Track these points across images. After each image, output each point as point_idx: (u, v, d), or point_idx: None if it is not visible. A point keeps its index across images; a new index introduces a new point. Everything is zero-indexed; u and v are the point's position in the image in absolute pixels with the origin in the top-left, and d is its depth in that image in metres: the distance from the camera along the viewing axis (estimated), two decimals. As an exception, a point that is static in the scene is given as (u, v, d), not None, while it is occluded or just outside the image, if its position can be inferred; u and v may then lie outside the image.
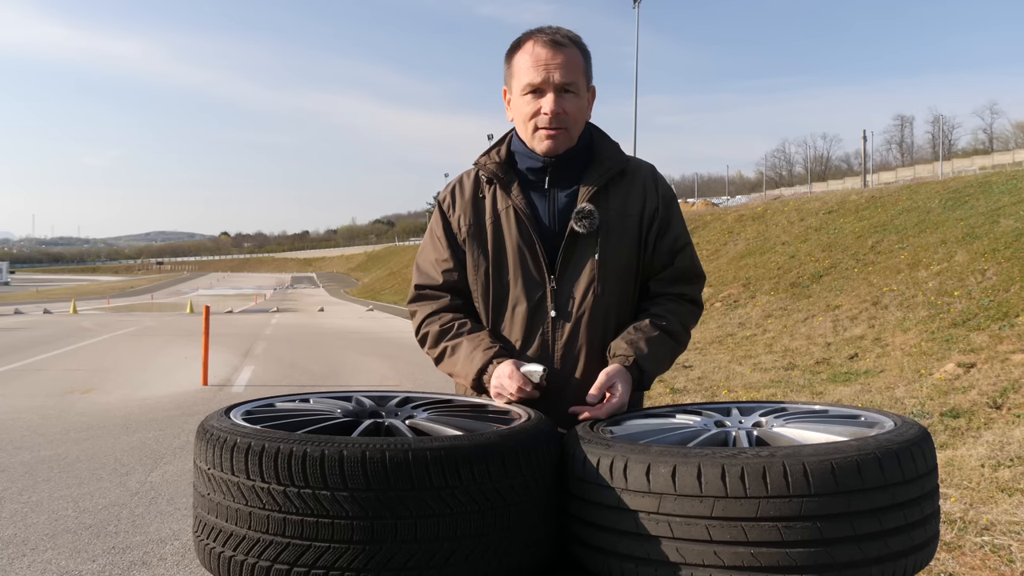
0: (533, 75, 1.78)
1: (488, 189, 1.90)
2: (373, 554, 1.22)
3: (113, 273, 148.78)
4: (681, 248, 1.92)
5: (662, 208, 1.90)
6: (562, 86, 1.78)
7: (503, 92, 1.92)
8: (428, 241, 1.98)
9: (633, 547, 1.28)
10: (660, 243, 1.89)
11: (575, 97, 1.80)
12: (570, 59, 1.79)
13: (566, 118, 1.79)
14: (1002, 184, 16.29)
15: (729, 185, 68.20)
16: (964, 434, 5.88)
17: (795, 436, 1.45)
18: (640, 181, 1.90)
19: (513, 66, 1.84)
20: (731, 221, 23.83)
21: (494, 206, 1.87)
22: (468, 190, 1.92)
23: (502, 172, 1.87)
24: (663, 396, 8.51)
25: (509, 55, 1.86)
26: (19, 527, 4.40)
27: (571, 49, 1.80)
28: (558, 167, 1.85)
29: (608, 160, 1.88)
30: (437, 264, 1.93)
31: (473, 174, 1.94)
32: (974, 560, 3.59)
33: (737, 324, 13.71)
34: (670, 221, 1.91)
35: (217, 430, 1.34)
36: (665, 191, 1.93)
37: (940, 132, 51.62)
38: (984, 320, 9.13)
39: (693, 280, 1.94)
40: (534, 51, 1.79)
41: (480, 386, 1.79)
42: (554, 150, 1.83)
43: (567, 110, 1.79)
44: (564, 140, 1.82)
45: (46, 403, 8.58)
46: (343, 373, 11.65)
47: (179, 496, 5.02)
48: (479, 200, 1.90)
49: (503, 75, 1.90)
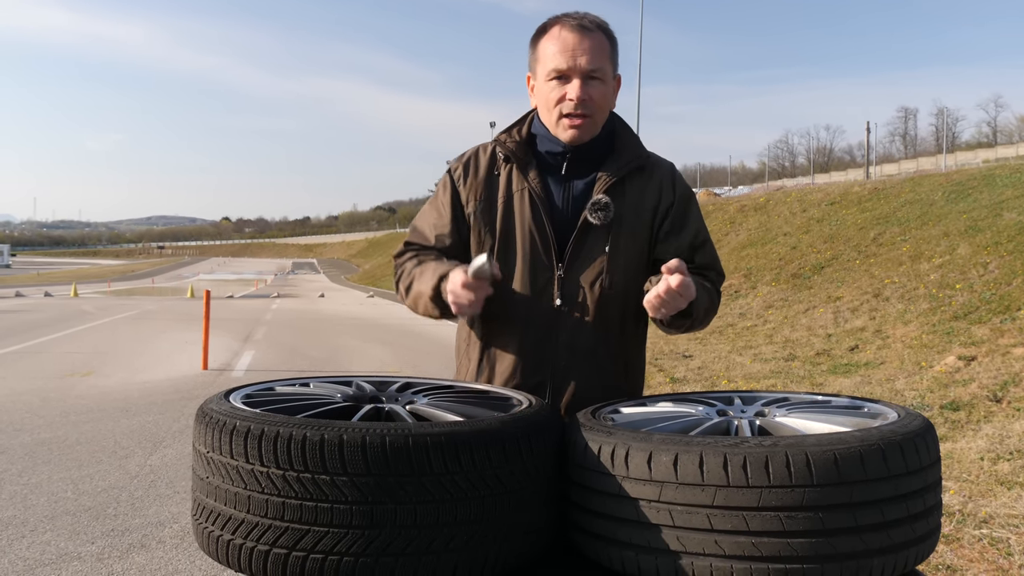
0: (559, 60, 1.74)
1: (504, 167, 1.86)
2: (372, 539, 1.21)
3: (114, 257, 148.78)
4: (701, 244, 1.88)
5: (677, 204, 1.86)
6: (588, 72, 1.74)
7: (527, 78, 1.88)
8: (430, 206, 1.94)
9: (634, 535, 1.28)
10: (678, 239, 1.85)
11: (601, 84, 1.77)
12: (597, 45, 1.75)
13: (592, 105, 1.76)
14: (1005, 177, 16.23)
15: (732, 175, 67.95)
16: (964, 427, 5.89)
17: (798, 426, 1.44)
18: (658, 178, 1.87)
19: (538, 51, 1.80)
20: (733, 211, 23.78)
21: (508, 185, 1.84)
22: (483, 165, 1.88)
23: (521, 152, 1.84)
24: (663, 385, 8.52)
25: (534, 40, 1.82)
26: (18, 508, 4.41)
27: (598, 35, 1.76)
28: (578, 155, 1.82)
29: (629, 153, 1.84)
30: (434, 228, 1.90)
31: (490, 149, 1.90)
32: (972, 553, 3.60)
33: (738, 314, 13.71)
34: (687, 218, 1.87)
35: (217, 413, 1.33)
36: (683, 189, 1.89)
37: (944, 124, 51.47)
38: (985, 313, 9.12)
39: (715, 274, 1.90)
40: (561, 36, 1.75)
41: (440, 301, 1.74)
42: (578, 139, 1.79)
43: (593, 97, 1.75)
44: (589, 128, 1.79)
45: (46, 386, 8.59)
46: (343, 359, 11.66)
47: (178, 479, 5.03)
48: (493, 176, 1.86)
49: (527, 60, 1.87)
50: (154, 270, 73.07)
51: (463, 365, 1.95)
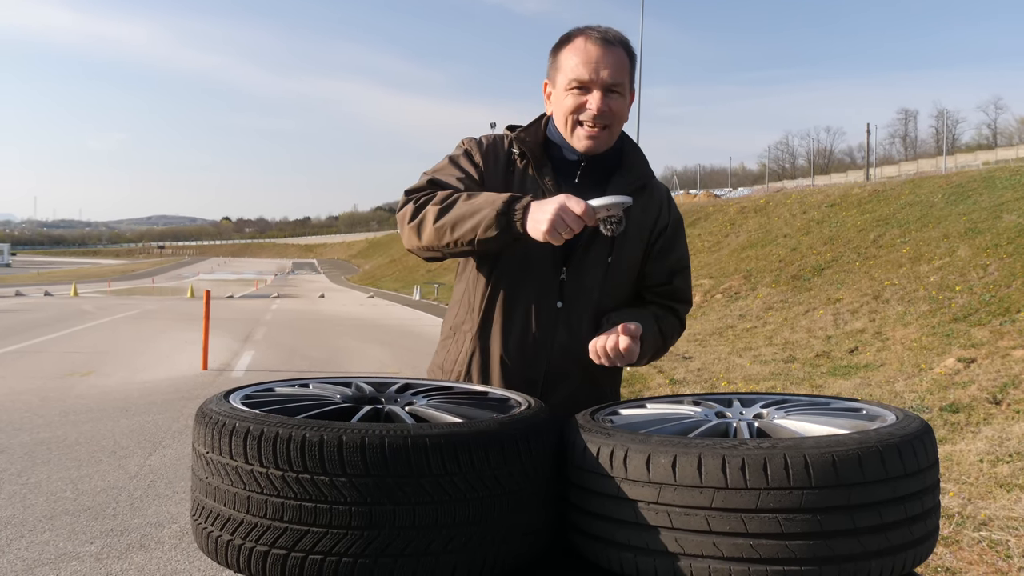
0: (582, 72, 1.77)
1: (520, 163, 1.88)
2: (371, 540, 1.22)
3: (114, 256, 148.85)
4: (680, 270, 1.97)
5: (671, 228, 1.95)
6: (609, 86, 1.77)
7: (544, 85, 1.91)
8: (450, 164, 1.88)
9: (632, 536, 1.28)
10: (662, 262, 1.94)
11: (620, 98, 1.81)
12: (619, 59, 1.79)
13: (611, 116, 1.80)
14: (1005, 179, 16.24)
15: (732, 177, 68.02)
16: (963, 429, 5.89)
17: (796, 428, 1.45)
18: (657, 199, 1.94)
19: (560, 60, 1.83)
20: (733, 213, 23.79)
21: (523, 183, 1.86)
22: (502, 157, 1.90)
23: (539, 152, 1.86)
24: (663, 387, 8.52)
25: (556, 49, 1.85)
26: (17, 508, 4.41)
27: (620, 50, 1.80)
28: (591, 165, 1.86)
29: (637, 170, 1.91)
30: (460, 182, 1.83)
31: (506, 144, 1.91)
32: (971, 555, 3.60)
33: (738, 316, 13.71)
34: (676, 242, 1.96)
35: (216, 414, 1.33)
36: (676, 213, 1.99)
37: (944, 126, 51.49)
38: (985, 315, 9.12)
39: (684, 302, 2.00)
40: (585, 48, 1.78)
41: (507, 219, 1.63)
42: (594, 149, 1.83)
43: (612, 109, 1.79)
44: (605, 139, 1.83)
45: (46, 385, 8.59)
46: (343, 359, 11.66)
47: (177, 479, 5.03)
48: (510, 171, 1.88)
49: (546, 68, 1.89)
50: (154, 270, 73.08)
51: (451, 351, 1.94)
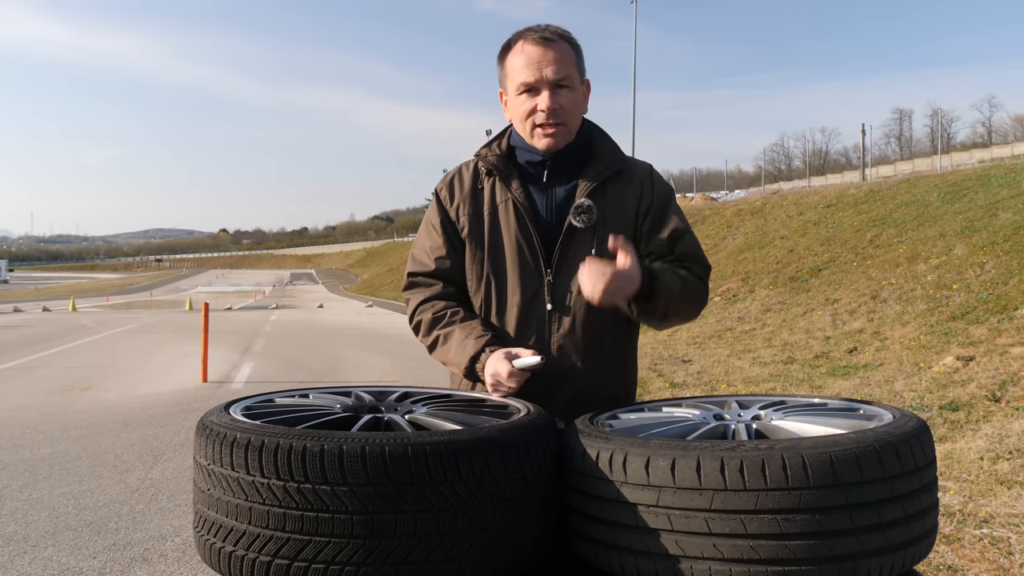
0: (526, 74, 1.79)
1: (487, 180, 1.91)
2: (373, 549, 1.22)
3: (112, 271, 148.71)
4: (680, 237, 1.89)
5: (657, 201, 1.90)
6: (556, 82, 1.79)
7: (499, 94, 1.93)
8: (424, 230, 1.99)
9: (632, 540, 1.29)
10: (659, 234, 1.89)
11: (570, 91, 1.82)
12: (561, 54, 1.80)
13: (563, 113, 1.81)
14: (1001, 177, 16.28)
15: (728, 179, 68.04)
16: (963, 427, 5.89)
17: (794, 429, 1.46)
18: (637, 180, 1.91)
19: (506, 67, 1.86)
20: (730, 215, 23.82)
21: (492, 198, 1.89)
22: (467, 181, 1.93)
23: (502, 165, 1.88)
24: (663, 390, 8.52)
25: (501, 57, 1.88)
26: (20, 524, 4.40)
27: (561, 44, 1.81)
28: (557, 162, 1.87)
29: (607, 158, 1.89)
30: (431, 252, 1.94)
31: (472, 165, 1.95)
32: (973, 552, 3.60)
33: (736, 318, 13.72)
34: (665, 215, 1.90)
35: (217, 426, 1.34)
36: (661, 187, 1.93)
37: (939, 126, 51.47)
38: (983, 313, 9.14)
39: (696, 262, 1.89)
40: (525, 50, 1.80)
41: (473, 374, 1.79)
42: (554, 146, 1.84)
43: (563, 105, 1.80)
44: (563, 135, 1.84)
45: (46, 401, 8.58)
46: (342, 369, 11.65)
47: (179, 492, 5.02)
48: (478, 191, 1.91)
49: (497, 78, 1.91)
50: (152, 283, 73.02)
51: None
